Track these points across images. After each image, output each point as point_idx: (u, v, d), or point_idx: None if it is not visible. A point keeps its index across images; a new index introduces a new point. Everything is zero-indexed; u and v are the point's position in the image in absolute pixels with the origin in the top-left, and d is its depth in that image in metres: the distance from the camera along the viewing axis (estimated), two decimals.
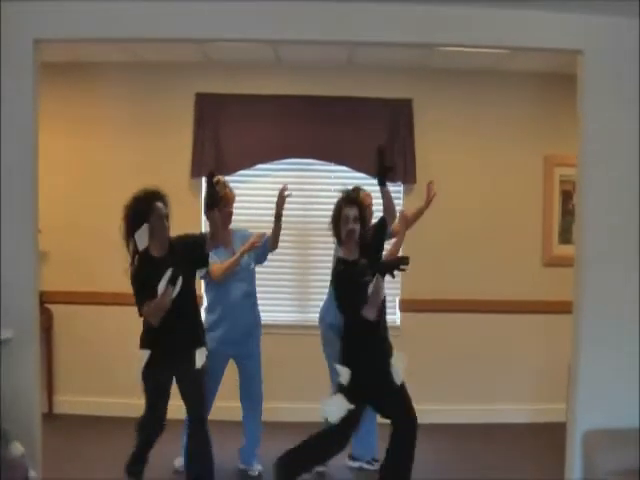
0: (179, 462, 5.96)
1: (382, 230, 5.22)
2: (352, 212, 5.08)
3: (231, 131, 7.50)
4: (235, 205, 7.24)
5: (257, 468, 6.10)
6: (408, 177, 7.48)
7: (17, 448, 4.34)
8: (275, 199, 5.87)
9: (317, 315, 6.19)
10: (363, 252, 5.09)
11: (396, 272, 4.67)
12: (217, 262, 5.78)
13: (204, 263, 5.27)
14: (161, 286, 4.82)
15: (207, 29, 4.90)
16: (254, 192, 7.51)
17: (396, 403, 5.07)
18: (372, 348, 5.02)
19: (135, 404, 7.26)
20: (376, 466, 6.08)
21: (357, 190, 5.83)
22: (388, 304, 5.84)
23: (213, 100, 7.49)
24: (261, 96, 7.48)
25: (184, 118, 7.52)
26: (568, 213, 7.43)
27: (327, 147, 7.55)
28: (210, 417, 5.37)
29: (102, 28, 4.87)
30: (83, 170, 7.54)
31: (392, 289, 7.46)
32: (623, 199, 4.87)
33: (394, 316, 7.50)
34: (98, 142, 7.55)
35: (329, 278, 5.72)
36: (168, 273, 4.85)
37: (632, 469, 4.42)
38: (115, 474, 5.69)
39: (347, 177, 7.59)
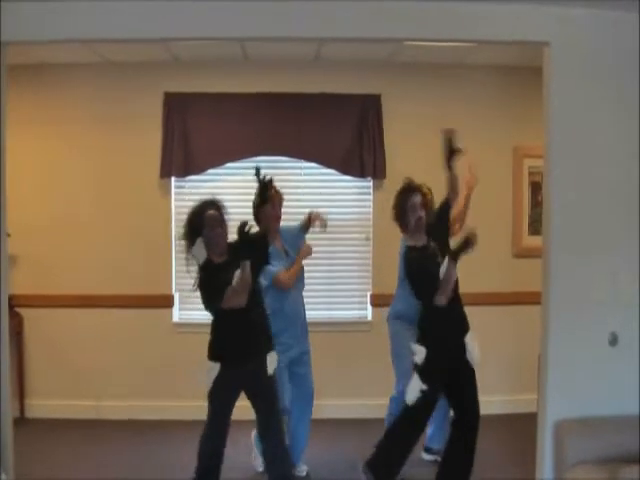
0: (259, 463, 5.97)
1: (446, 213, 5.44)
2: (418, 199, 5.29)
3: (200, 130, 7.47)
4: None
5: (304, 469, 6.06)
6: (377, 172, 7.49)
7: None
8: (247, 197, 5.74)
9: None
10: (431, 236, 5.26)
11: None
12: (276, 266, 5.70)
13: (266, 262, 5.21)
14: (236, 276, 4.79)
15: (173, 28, 4.86)
16: (224, 191, 7.48)
17: (468, 392, 5.26)
18: (447, 328, 5.15)
19: (106, 406, 7.28)
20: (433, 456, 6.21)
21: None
22: (360, 299, 5.91)
23: (181, 99, 7.46)
24: (229, 94, 7.46)
25: (152, 118, 7.48)
26: (538, 204, 7.46)
27: (296, 144, 7.52)
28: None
29: (69, 29, 4.82)
30: (51, 172, 7.49)
31: (363, 284, 7.47)
32: (589, 190, 4.88)
33: (365, 311, 7.53)
34: (66, 144, 7.50)
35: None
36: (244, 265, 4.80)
37: (602, 458, 4.44)
38: (87, 477, 5.68)
39: (317, 173, 7.63)
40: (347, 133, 7.50)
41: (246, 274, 4.73)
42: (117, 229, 7.44)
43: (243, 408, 5.10)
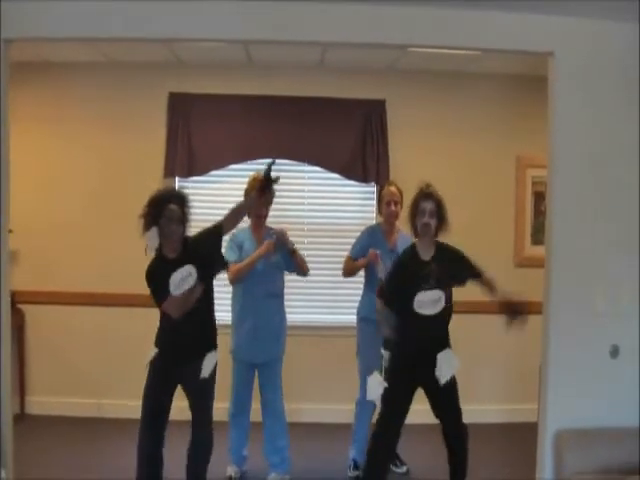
0: (233, 469, 6.05)
1: (471, 276, 5.46)
2: (428, 206, 5.22)
3: (204, 131, 7.48)
4: (207, 205, 7.26)
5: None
6: (381, 178, 7.48)
7: None
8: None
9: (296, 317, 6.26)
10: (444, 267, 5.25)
11: None
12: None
13: (222, 264, 5.27)
14: (174, 279, 4.82)
15: (177, 28, 4.86)
16: (226, 192, 7.50)
17: (442, 404, 5.23)
18: (418, 337, 5.13)
19: (107, 404, 7.27)
20: (402, 468, 6.22)
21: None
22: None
23: (186, 100, 7.47)
24: (234, 96, 7.48)
25: (156, 118, 7.50)
26: (540, 214, 7.47)
27: (300, 148, 7.53)
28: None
29: (72, 27, 4.82)
30: (54, 170, 7.50)
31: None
32: (592, 201, 4.89)
33: None
34: (69, 142, 7.51)
35: (300, 278, 5.92)
36: (183, 272, 4.84)
37: (602, 469, 4.45)
38: (87, 475, 5.68)
39: (320, 177, 7.64)
40: (351, 138, 7.51)
41: (191, 297, 4.82)
42: (119, 227, 7.41)
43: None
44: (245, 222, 5.80)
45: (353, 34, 4.90)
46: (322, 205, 7.64)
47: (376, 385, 5.22)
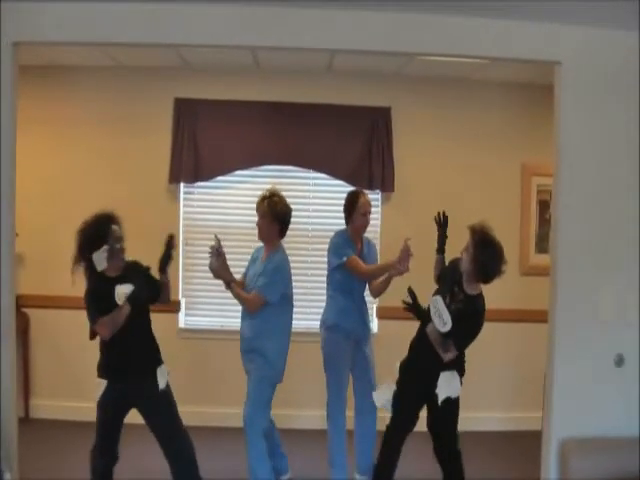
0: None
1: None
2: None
3: (210, 137, 7.50)
4: (213, 211, 7.30)
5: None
6: (386, 185, 7.51)
7: None
8: (253, 205, 5.80)
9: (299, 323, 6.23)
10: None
11: None
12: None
13: (157, 292, 5.23)
14: (119, 293, 4.86)
15: (185, 34, 4.88)
16: (232, 198, 7.52)
17: (437, 423, 5.21)
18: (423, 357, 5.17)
19: None
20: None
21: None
22: None
23: (192, 105, 7.49)
24: (240, 102, 7.50)
25: (162, 123, 7.52)
26: (545, 223, 7.47)
27: (306, 154, 7.55)
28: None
29: (81, 31, 4.84)
30: (60, 173, 7.52)
31: (368, 296, 7.49)
32: (598, 209, 4.89)
33: (370, 324, 7.53)
34: (75, 146, 7.53)
35: (306, 283, 5.86)
36: (127, 288, 4.87)
37: (607, 477, 4.44)
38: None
39: (326, 184, 7.65)
40: (356, 145, 7.52)
41: (120, 315, 4.84)
42: (125, 231, 7.44)
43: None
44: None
45: (361, 41, 4.91)
46: (327, 212, 7.64)
47: (386, 391, 5.24)
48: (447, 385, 5.03)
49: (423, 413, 5.23)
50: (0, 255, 4.84)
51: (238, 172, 7.59)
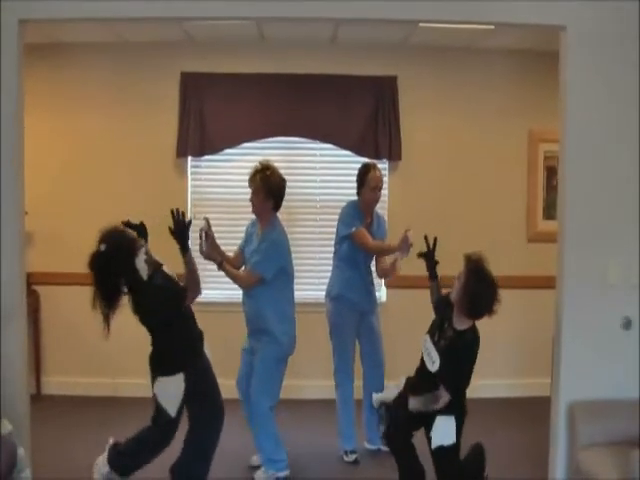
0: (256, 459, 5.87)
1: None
2: None
3: (216, 110, 7.49)
4: (220, 184, 7.31)
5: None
6: (393, 154, 7.50)
7: (5, 426, 4.36)
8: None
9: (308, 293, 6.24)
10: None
11: None
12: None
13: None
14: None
15: (190, 7, 4.86)
16: (240, 171, 7.52)
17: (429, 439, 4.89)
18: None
19: (123, 384, 7.32)
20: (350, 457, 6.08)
21: None
22: (374, 281, 6.00)
23: (198, 79, 7.48)
24: (246, 75, 7.48)
25: (169, 97, 7.51)
26: (553, 189, 7.45)
27: (312, 125, 7.55)
28: None
29: (86, 8, 4.83)
30: (67, 151, 7.53)
31: None
32: (605, 174, 4.87)
33: (379, 293, 7.54)
34: (83, 123, 7.53)
35: (314, 254, 5.83)
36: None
37: (615, 440, 4.46)
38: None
39: (332, 155, 7.65)
40: (363, 114, 7.51)
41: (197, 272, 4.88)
42: (133, 207, 7.41)
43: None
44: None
45: (365, 10, 4.88)
46: (334, 182, 7.65)
47: (390, 394, 5.13)
48: (441, 431, 4.69)
49: None
50: (10, 233, 4.85)
51: (245, 144, 7.58)
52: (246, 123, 7.50)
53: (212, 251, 5.50)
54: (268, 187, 5.54)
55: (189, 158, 7.58)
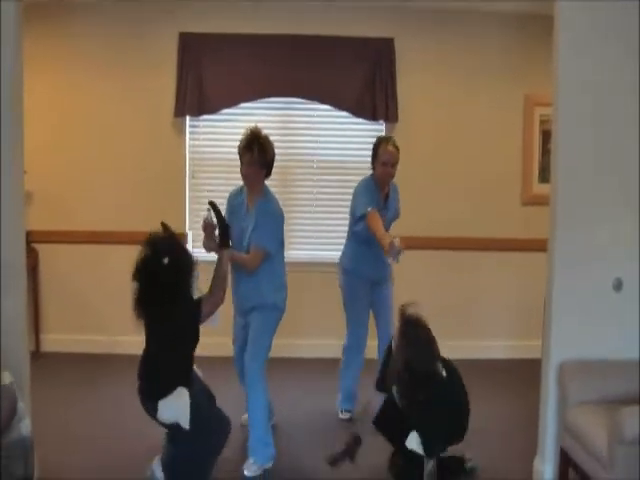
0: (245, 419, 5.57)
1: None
2: None
3: (214, 70, 7.50)
4: (218, 144, 7.33)
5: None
6: (390, 116, 7.53)
7: (6, 377, 4.39)
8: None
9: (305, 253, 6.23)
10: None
11: None
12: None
13: None
14: None
15: None
16: (237, 131, 7.50)
17: None
18: None
19: (121, 341, 7.38)
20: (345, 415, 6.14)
21: None
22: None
23: (196, 39, 7.48)
24: (244, 35, 7.47)
25: (167, 57, 7.52)
26: (548, 152, 7.44)
27: (309, 86, 7.56)
28: None
29: None
30: (65, 111, 7.55)
31: None
32: (598, 139, 4.88)
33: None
34: (81, 83, 7.54)
35: (310, 214, 5.83)
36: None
37: (604, 399, 4.53)
38: (102, 409, 5.80)
39: (330, 115, 7.68)
40: (360, 76, 7.52)
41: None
42: (132, 167, 7.52)
43: None
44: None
45: None
46: (331, 143, 7.70)
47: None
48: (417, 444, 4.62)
49: None
50: (10, 192, 4.87)
51: (243, 104, 7.60)
52: (244, 83, 7.51)
53: (213, 243, 5.22)
54: (265, 160, 5.30)
55: (187, 118, 7.60)
